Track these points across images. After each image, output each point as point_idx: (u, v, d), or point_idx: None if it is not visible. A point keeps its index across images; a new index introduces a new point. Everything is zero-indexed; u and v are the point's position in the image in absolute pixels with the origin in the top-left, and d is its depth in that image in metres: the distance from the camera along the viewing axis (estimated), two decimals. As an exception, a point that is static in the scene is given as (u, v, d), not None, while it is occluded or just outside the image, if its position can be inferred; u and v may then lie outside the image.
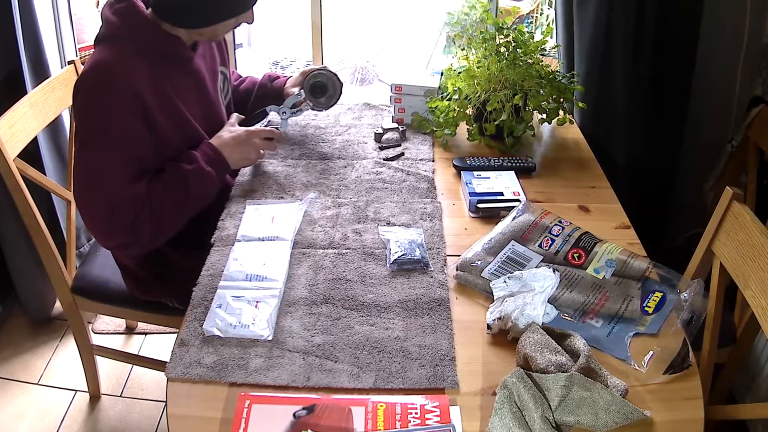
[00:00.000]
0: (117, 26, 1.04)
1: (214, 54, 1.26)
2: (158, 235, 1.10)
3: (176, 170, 1.11)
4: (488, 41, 1.38)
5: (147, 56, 1.05)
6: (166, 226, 1.11)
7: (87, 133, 1.04)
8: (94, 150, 1.03)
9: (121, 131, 1.03)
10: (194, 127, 1.15)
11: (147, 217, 1.06)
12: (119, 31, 1.04)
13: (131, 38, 1.04)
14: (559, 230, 1.06)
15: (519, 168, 1.31)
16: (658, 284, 0.98)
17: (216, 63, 1.26)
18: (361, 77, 3.44)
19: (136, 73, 1.02)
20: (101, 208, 1.04)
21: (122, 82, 1.01)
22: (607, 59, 1.51)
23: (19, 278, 1.72)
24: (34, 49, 1.52)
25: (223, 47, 1.30)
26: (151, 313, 1.35)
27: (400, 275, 1.02)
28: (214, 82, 1.24)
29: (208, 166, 1.14)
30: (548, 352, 0.82)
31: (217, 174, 1.16)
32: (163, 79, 1.07)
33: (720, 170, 1.55)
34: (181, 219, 1.13)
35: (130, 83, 1.02)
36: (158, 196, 1.08)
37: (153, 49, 1.06)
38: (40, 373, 1.67)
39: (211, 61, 1.23)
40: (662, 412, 0.80)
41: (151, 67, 1.05)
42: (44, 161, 1.59)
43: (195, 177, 1.12)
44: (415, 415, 0.77)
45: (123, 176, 1.04)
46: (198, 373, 0.84)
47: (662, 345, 0.89)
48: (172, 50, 1.09)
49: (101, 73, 1.02)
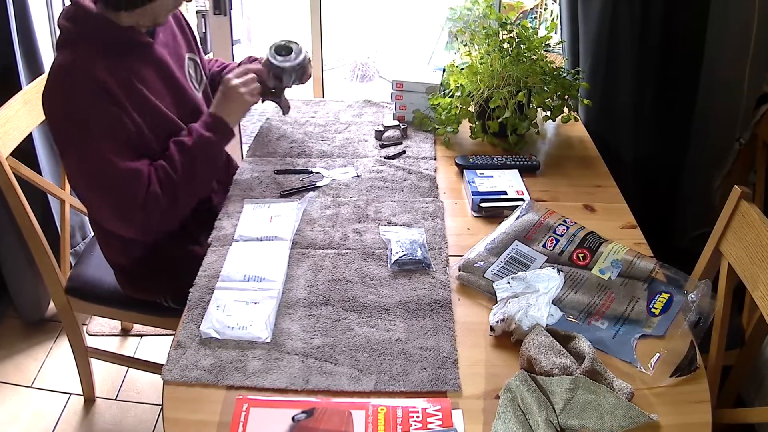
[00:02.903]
0: (70, 29, 1.07)
1: (179, 42, 1.27)
2: (175, 211, 1.13)
3: (179, 144, 1.14)
4: (491, 37, 1.38)
5: (104, 50, 1.07)
6: (180, 199, 1.13)
7: (67, 135, 1.06)
8: (80, 147, 1.05)
9: (99, 119, 1.05)
10: (163, 113, 1.15)
11: (158, 192, 1.09)
12: (73, 33, 1.07)
13: (86, 37, 1.07)
14: (564, 230, 1.05)
15: (522, 166, 1.30)
16: (664, 285, 0.98)
17: (182, 50, 1.27)
18: (361, 73, 3.43)
19: (96, 67, 1.05)
20: (108, 193, 1.07)
21: (84, 76, 1.03)
22: (612, 55, 1.50)
23: (12, 279, 1.71)
24: (27, 45, 1.51)
25: (188, 35, 1.31)
26: (146, 314, 1.35)
27: (402, 276, 1.01)
28: (181, 68, 1.25)
29: (207, 131, 1.16)
30: (552, 354, 0.82)
31: (217, 137, 1.18)
32: (124, 69, 1.09)
33: (728, 169, 1.54)
34: (194, 191, 1.16)
35: (93, 77, 1.04)
36: (165, 170, 1.11)
37: (109, 42, 1.08)
38: (34, 376, 1.66)
39: (175, 48, 1.24)
40: (669, 415, 0.79)
41: (110, 60, 1.07)
42: (40, 160, 1.58)
43: (198, 146, 1.15)
44: (416, 418, 0.76)
45: (117, 156, 1.06)
46: (195, 376, 0.84)
47: (669, 347, 0.88)
48: (129, 39, 1.11)
49: (62, 75, 1.04)
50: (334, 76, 3.49)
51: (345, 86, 3.42)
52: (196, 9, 1.82)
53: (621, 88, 1.53)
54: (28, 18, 1.49)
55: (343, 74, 3.52)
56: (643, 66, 1.49)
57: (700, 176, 1.60)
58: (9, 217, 1.30)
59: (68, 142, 1.07)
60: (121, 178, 1.06)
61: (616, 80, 1.52)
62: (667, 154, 1.60)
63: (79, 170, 1.08)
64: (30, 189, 1.31)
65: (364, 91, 3.32)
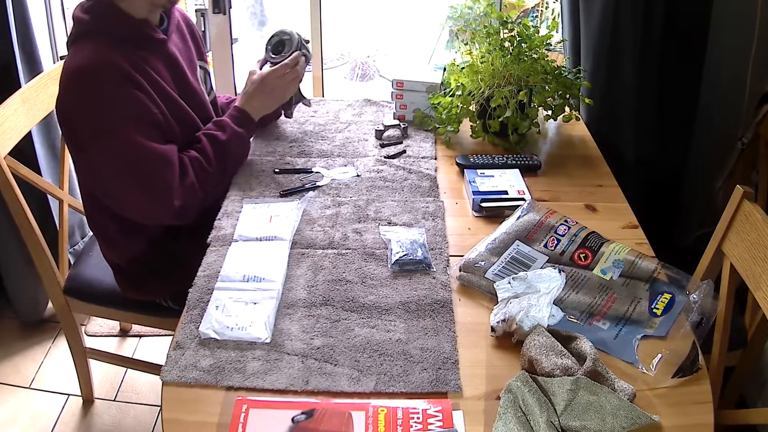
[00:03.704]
0: (88, 22, 1.07)
1: (190, 46, 1.28)
2: (205, 202, 1.16)
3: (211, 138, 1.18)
4: (492, 36, 1.37)
5: (121, 44, 1.07)
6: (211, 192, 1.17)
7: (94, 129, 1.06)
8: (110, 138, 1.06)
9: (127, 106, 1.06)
10: (180, 104, 1.16)
11: (195, 183, 1.12)
12: (91, 26, 1.07)
13: (104, 30, 1.07)
14: (565, 230, 1.05)
15: (524, 166, 1.30)
16: (666, 285, 0.97)
17: (192, 54, 1.28)
18: (361, 73, 3.42)
19: (117, 58, 1.05)
20: (143, 178, 1.08)
21: (107, 67, 1.04)
22: (614, 54, 1.50)
23: (10, 279, 1.71)
24: (26, 44, 1.51)
25: (199, 43, 1.33)
26: (145, 315, 1.34)
27: (402, 276, 1.01)
28: (193, 71, 1.26)
29: (239, 127, 1.21)
30: (554, 355, 0.81)
31: (247, 132, 1.25)
32: (141, 61, 1.09)
33: (730, 168, 1.53)
34: (222, 184, 1.20)
35: (115, 66, 1.04)
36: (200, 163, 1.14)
37: (125, 36, 1.08)
38: (32, 377, 1.66)
39: (186, 51, 1.25)
40: (671, 416, 0.79)
41: (127, 53, 1.08)
42: (39, 160, 1.57)
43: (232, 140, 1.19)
44: (417, 419, 0.76)
45: (148, 140, 1.08)
46: (194, 377, 0.83)
47: (671, 348, 0.88)
48: (143, 33, 1.11)
49: (83, 74, 1.04)
50: (334, 76, 3.48)
51: (345, 85, 3.41)
52: (195, 7, 1.82)
53: (623, 87, 1.53)
54: (26, 16, 1.48)
55: (343, 73, 3.52)
56: (644, 65, 1.49)
57: (702, 176, 1.60)
58: (7, 217, 1.30)
59: (97, 136, 1.06)
60: (155, 161, 1.08)
61: (618, 79, 1.52)
62: (669, 154, 1.60)
63: (111, 163, 1.07)
64: (28, 189, 1.30)
65: (364, 90, 3.31)
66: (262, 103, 1.26)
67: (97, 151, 1.08)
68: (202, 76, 1.30)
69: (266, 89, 1.26)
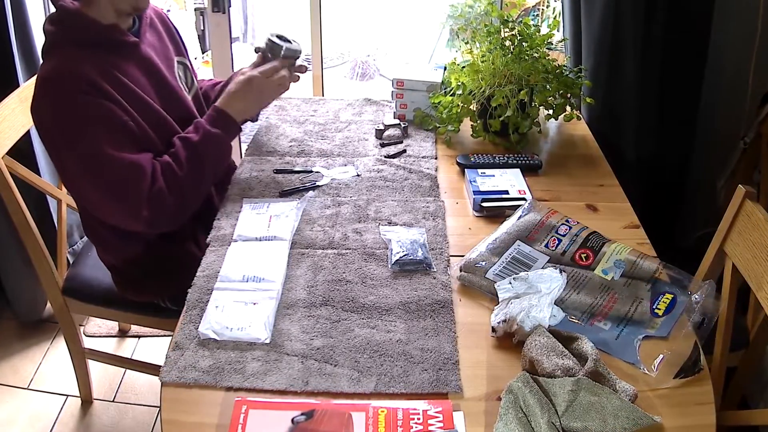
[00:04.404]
0: (55, 33, 1.06)
1: (167, 44, 1.26)
2: (183, 208, 1.13)
3: (184, 140, 1.14)
4: (493, 34, 1.37)
5: (91, 52, 1.06)
6: (188, 196, 1.13)
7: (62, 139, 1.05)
8: (77, 147, 1.04)
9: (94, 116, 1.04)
10: (155, 109, 1.14)
11: (164, 188, 1.08)
12: (58, 37, 1.06)
13: (72, 39, 1.06)
14: (566, 230, 1.04)
15: (524, 165, 1.29)
16: (668, 286, 0.97)
17: (170, 52, 1.26)
18: (361, 72, 3.42)
19: (84, 67, 1.04)
20: (112, 188, 1.07)
21: (73, 77, 1.03)
22: (615, 53, 1.49)
23: (9, 279, 1.70)
24: (24, 43, 1.50)
25: (177, 40, 1.31)
26: (144, 315, 1.34)
27: (402, 276, 1.01)
28: (170, 69, 1.24)
29: (213, 128, 1.16)
30: (555, 355, 0.81)
31: (225, 133, 1.17)
32: (112, 68, 1.08)
33: (732, 168, 1.53)
34: (201, 187, 1.16)
35: (82, 76, 1.03)
36: (171, 167, 1.10)
37: (95, 43, 1.07)
38: (30, 378, 1.66)
39: (162, 49, 1.23)
40: (673, 417, 0.79)
41: (98, 60, 1.06)
42: (38, 159, 1.57)
43: (204, 142, 1.14)
44: (417, 420, 0.76)
45: (116, 150, 1.05)
46: (193, 378, 0.83)
47: (673, 348, 0.87)
48: (114, 38, 1.10)
49: (50, 81, 1.04)
50: (334, 75, 3.48)
51: (345, 84, 3.41)
52: (195, 6, 1.81)
53: (624, 87, 1.52)
54: (24, 15, 1.48)
55: (343, 72, 3.52)
56: (646, 64, 1.48)
57: (704, 175, 1.60)
58: (5, 216, 1.30)
59: (64, 145, 1.05)
60: (122, 171, 1.05)
61: (619, 78, 1.52)
62: (671, 153, 1.59)
63: (78, 172, 1.06)
64: (27, 188, 1.30)
65: (364, 89, 3.31)
66: (245, 104, 1.20)
67: (66, 159, 1.07)
68: (181, 72, 1.28)
69: (252, 89, 1.20)
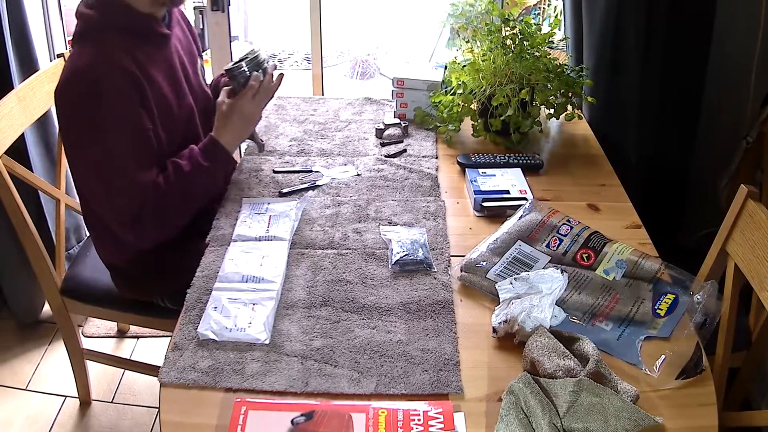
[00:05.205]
0: (93, 17, 1.06)
1: (190, 42, 1.28)
2: (165, 229, 1.12)
3: (176, 168, 1.12)
4: (494, 33, 1.37)
5: (126, 41, 1.06)
6: (173, 220, 1.13)
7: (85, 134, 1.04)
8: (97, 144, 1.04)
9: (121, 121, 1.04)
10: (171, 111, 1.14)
11: (150, 213, 1.07)
12: (95, 23, 1.06)
13: (109, 27, 1.06)
14: (568, 230, 1.04)
15: (526, 165, 1.29)
16: (670, 286, 0.97)
17: (193, 48, 1.28)
18: (361, 71, 3.42)
19: (120, 58, 1.04)
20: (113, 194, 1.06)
21: (110, 70, 1.02)
22: (617, 52, 1.49)
23: (7, 280, 1.70)
24: (22, 42, 1.49)
25: (195, 36, 1.32)
26: (143, 316, 1.33)
27: (403, 276, 1.00)
28: (194, 66, 1.25)
29: (206, 161, 1.14)
30: (556, 356, 0.81)
31: (215, 165, 1.16)
32: (146, 60, 1.08)
33: (734, 168, 1.52)
34: (187, 212, 1.15)
35: (118, 68, 1.03)
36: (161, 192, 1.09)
37: (131, 32, 1.07)
38: (29, 378, 1.65)
39: (188, 45, 1.25)
40: (675, 418, 0.78)
41: (132, 50, 1.06)
42: (32, 159, 1.56)
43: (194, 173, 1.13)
44: (417, 421, 0.76)
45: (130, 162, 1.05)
46: (192, 378, 0.83)
47: (674, 349, 0.87)
48: (149, 28, 1.10)
49: (86, 76, 1.02)
50: (334, 74, 3.48)
51: (345, 84, 3.41)
52: (194, 5, 1.81)
53: (626, 86, 1.52)
54: (21, 13, 1.47)
55: (343, 71, 3.52)
56: (648, 63, 1.48)
57: (706, 175, 1.59)
58: (3, 216, 1.29)
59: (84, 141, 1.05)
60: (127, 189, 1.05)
61: (621, 77, 1.52)
62: (673, 153, 1.59)
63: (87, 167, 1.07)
64: (25, 188, 1.29)
65: (364, 88, 3.31)
66: (232, 135, 1.18)
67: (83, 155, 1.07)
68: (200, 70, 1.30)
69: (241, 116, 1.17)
